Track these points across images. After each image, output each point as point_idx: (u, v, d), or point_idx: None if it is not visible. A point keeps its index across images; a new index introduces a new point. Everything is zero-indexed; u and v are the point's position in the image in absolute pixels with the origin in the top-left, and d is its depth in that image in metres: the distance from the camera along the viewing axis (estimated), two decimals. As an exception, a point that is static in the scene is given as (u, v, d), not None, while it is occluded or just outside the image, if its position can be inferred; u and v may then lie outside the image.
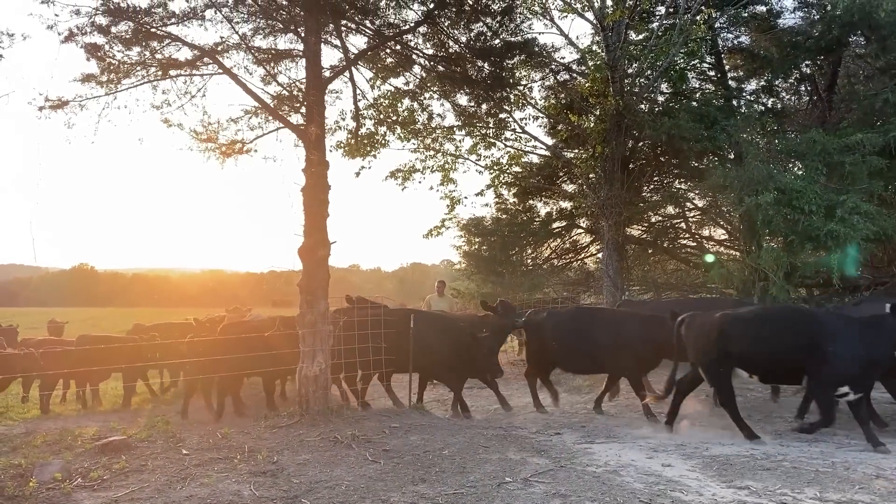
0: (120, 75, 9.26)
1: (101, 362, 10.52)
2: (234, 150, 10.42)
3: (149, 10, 8.76)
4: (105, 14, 8.61)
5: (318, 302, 9.08)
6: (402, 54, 10.26)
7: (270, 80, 10.12)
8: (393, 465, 6.62)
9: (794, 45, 14.79)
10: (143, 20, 8.77)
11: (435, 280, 14.63)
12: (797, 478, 6.09)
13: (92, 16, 8.60)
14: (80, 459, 6.98)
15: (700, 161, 14.83)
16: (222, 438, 7.73)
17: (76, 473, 6.42)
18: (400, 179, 16.58)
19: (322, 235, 9.18)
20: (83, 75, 9.12)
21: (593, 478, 6.16)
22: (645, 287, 17.31)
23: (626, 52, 14.52)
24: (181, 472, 6.44)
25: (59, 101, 9.11)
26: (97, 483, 6.18)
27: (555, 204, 18.00)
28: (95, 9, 8.55)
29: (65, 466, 6.60)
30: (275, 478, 6.26)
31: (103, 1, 8.52)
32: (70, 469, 6.55)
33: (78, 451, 7.35)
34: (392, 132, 13.67)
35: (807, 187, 11.44)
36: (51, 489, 6.01)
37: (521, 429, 8.51)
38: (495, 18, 9.89)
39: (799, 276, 13.10)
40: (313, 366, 8.88)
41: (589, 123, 14.52)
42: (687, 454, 7.02)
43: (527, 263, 18.37)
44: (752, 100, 16.30)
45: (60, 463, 6.68)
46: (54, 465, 6.56)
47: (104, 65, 9.07)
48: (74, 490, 6.01)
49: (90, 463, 6.79)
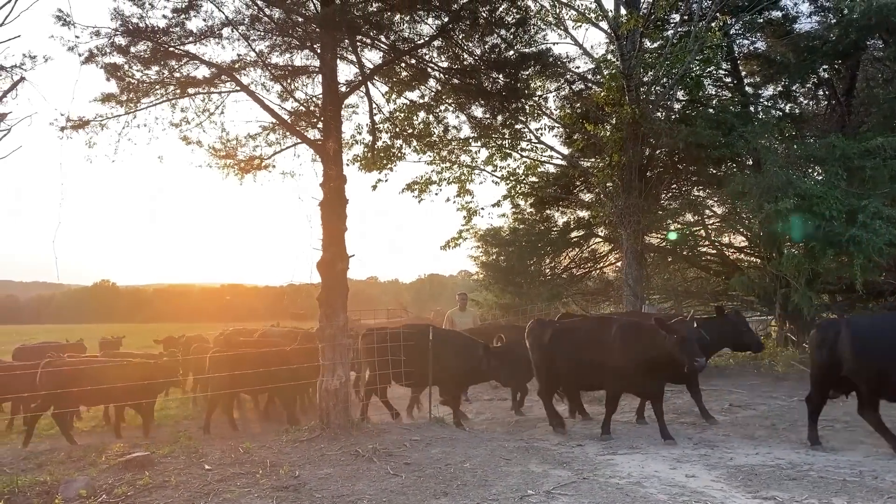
0: (139, 94, 9.38)
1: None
2: (253, 167, 10.53)
3: (167, 29, 8.88)
4: (124, 34, 8.73)
5: (338, 315, 9.10)
6: (416, 68, 10.31)
7: (287, 96, 10.22)
8: (414, 479, 6.61)
9: (810, 50, 14.69)
10: (162, 39, 8.89)
11: (453, 292, 14.56)
12: (824, 488, 6.00)
13: (111, 36, 8.74)
14: (105, 476, 7.02)
15: (718, 168, 14.75)
16: (244, 453, 7.75)
17: (101, 490, 6.47)
18: (416, 192, 16.61)
19: (340, 249, 9.21)
20: (103, 95, 9.26)
21: (616, 489, 6.11)
22: (665, 295, 17.19)
23: (642, 61, 14.49)
24: (204, 488, 6.47)
25: (80, 121, 9.25)
26: (121, 499, 6.22)
27: (572, 213, 17.97)
28: (115, 29, 8.68)
29: (89, 483, 6.64)
30: (297, 493, 6.26)
31: (122, 21, 8.65)
32: (94, 485, 6.59)
33: (102, 468, 7.39)
34: (408, 145, 13.69)
35: (827, 192, 11.34)
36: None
37: (542, 440, 8.46)
38: (509, 30, 9.92)
39: (821, 282, 12.97)
40: (333, 379, 8.89)
41: (605, 132, 14.48)
42: (711, 464, 6.95)
43: (545, 273, 18.32)
44: (770, 105, 16.20)
45: (85, 479, 6.73)
46: (79, 482, 6.61)
47: (124, 84, 9.20)
48: (99, 506, 6.05)
49: (114, 479, 6.83)
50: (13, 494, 6.35)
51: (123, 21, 8.65)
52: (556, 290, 17.51)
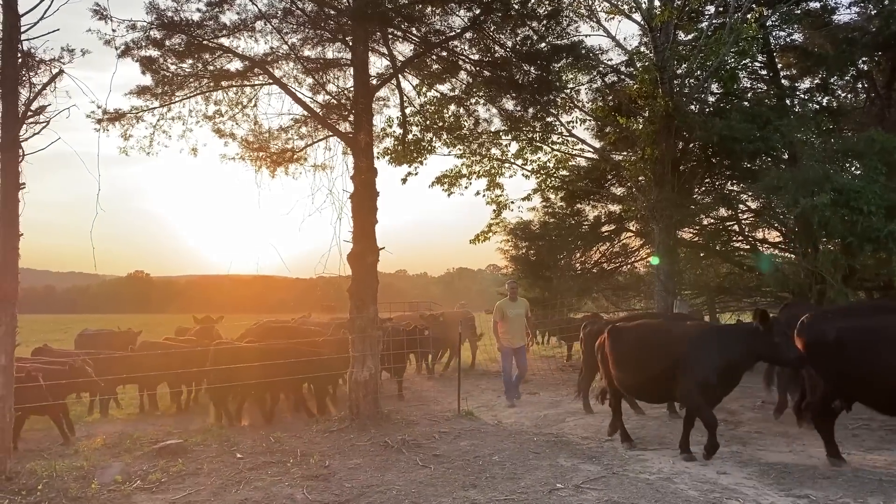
0: (174, 87, 9.50)
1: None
2: (285, 159, 10.60)
3: (201, 22, 8.98)
4: (159, 28, 8.85)
5: (368, 307, 9.16)
6: (448, 60, 10.29)
7: (319, 89, 10.27)
8: (443, 471, 6.63)
9: (850, 42, 14.37)
10: (196, 33, 9.00)
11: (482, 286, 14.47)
12: (859, 487, 5.90)
13: (147, 30, 8.86)
14: (139, 462, 7.17)
15: (753, 162, 14.49)
16: (275, 442, 7.85)
17: (135, 476, 6.60)
18: (446, 185, 16.61)
19: (371, 241, 9.26)
20: (139, 88, 9.39)
21: (646, 485, 6.07)
22: (697, 291, 16.98)
23: (675, 53, 14.30)
24: (236, 476, 6.56)
25: (116, 114, 9.40)
26: (155, 485, 6.34)
27: (603, 207, 17.78)
28: (150, 23, 8.81)
29: (124, 469, 6.79)
30: (327, 482, 6.33)
31: (157, 15, 8.77)
32: (129, 472, 6.73)
33: (136, 455, 7.55)
34: (438, 138, 13.68)
35: (865, 187, 11.09)
36: (112, 491, 6.19)
37: (570, 435, 8.43)
38: (541, 22, 9.85)
39: (858, 278, 12.71)
40: (363, 371, 8.95)
41: (638, 125, 14.32)
42: (743, 462, 6.86)
43: (575, 268, 18.18)
44: (807, 99, 15.89)
45: (120, 465, 6.88)
46: (114, 468, 6.76)
47: (159, 77, 9.32)
48: (134, 492, 6.18)
49: (148, 466, 6.97)
50: (51, 479, 6.50)
51: (159, 14, 8.77)
52: (585, 285, 17.39)
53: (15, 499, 6.05)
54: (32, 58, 7.33)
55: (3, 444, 6.68)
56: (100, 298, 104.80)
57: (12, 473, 6.61)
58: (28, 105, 7.20)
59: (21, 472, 6.69)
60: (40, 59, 7.38)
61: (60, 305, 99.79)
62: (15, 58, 7.06)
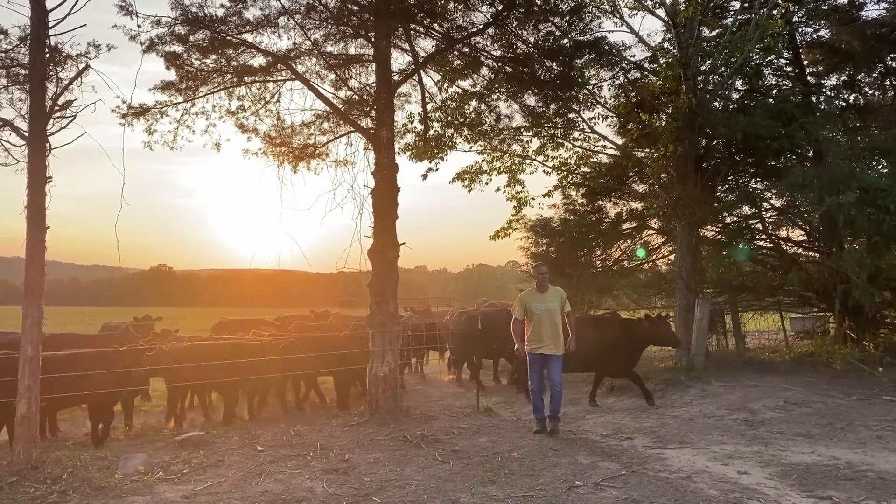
0: (197, 82, 9.59)
1: None
2: (307, 154, 10.66)
3: (225, 18, 9.05)
4: (183, 24, 8.93)
5: (388, 302, 9.19)
6: (469, 56, 10.30)
7: (341, 84, 10.32)
8: (462, 466, 6.65)
9: (878, 38, 14.16)
10: (220, 28, 9.07)
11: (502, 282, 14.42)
12: (884, 489, 5.82)
13: (171, 25, 8.95)
14: (161, 453, 7.26)
15: (777, 160, 14.31)
16: (295, 436, 7.91)
17: (157, 467, 6.69)
18: (467, 181, 16.59)
19: (391, 237, 9.29)
20: (163, 83, 9.49)
21: (666, 483, 6.04)
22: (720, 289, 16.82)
23: (699, 49, 14.16)
24: (256, 468, 6.63)
25: (141, 109, 9.50)
26: (177, 476, 6.41)
27: (625, 204, 17.64)
28: (174, 19, 8.89)
29: (147, 460, 6.88)
30: (346, 475, 6.37)
31: (182, 11, 8.84)
32: (152, 462, 6.82)
33: (159, 446, 7.65)
34: (459, 134, 13.67)
35: (892, 185, 10.92)
36: (134, 481, 6.27)
37: (590, 433, 8.40)
38: (564, 18, 9.83)
39: (884, 278, 12.54)
40: (383, 366, 8.99)
41: (660, 122, 14.20)
42: (764, 461, 6.80)
43: (596, 265, 18.06)
44: (833, 96, 15.64)
45: (143, 456, 6.96)
46: (137, 459, 6.84)
47: (183, 72, 9.41)
48: (156, 483, 6.25)
49: (170, 457, 7.05)
50: (76, 468, 6.61)
51: (183, 10, 8.85)
52: (606, 283, 17.27)
53: (40, 487, 6.16)
54: (59, 53, 7.45)
55: (29, 434, 6.80)
56: (123, 291, 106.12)
57: (38, 462, 6.73)
58: (55, 100, 7.30)
59: (46, 462, 6.82)
60: (67, 54, 7.49)
61: (85, 298, 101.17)
62: (42, 53, 7.16)
